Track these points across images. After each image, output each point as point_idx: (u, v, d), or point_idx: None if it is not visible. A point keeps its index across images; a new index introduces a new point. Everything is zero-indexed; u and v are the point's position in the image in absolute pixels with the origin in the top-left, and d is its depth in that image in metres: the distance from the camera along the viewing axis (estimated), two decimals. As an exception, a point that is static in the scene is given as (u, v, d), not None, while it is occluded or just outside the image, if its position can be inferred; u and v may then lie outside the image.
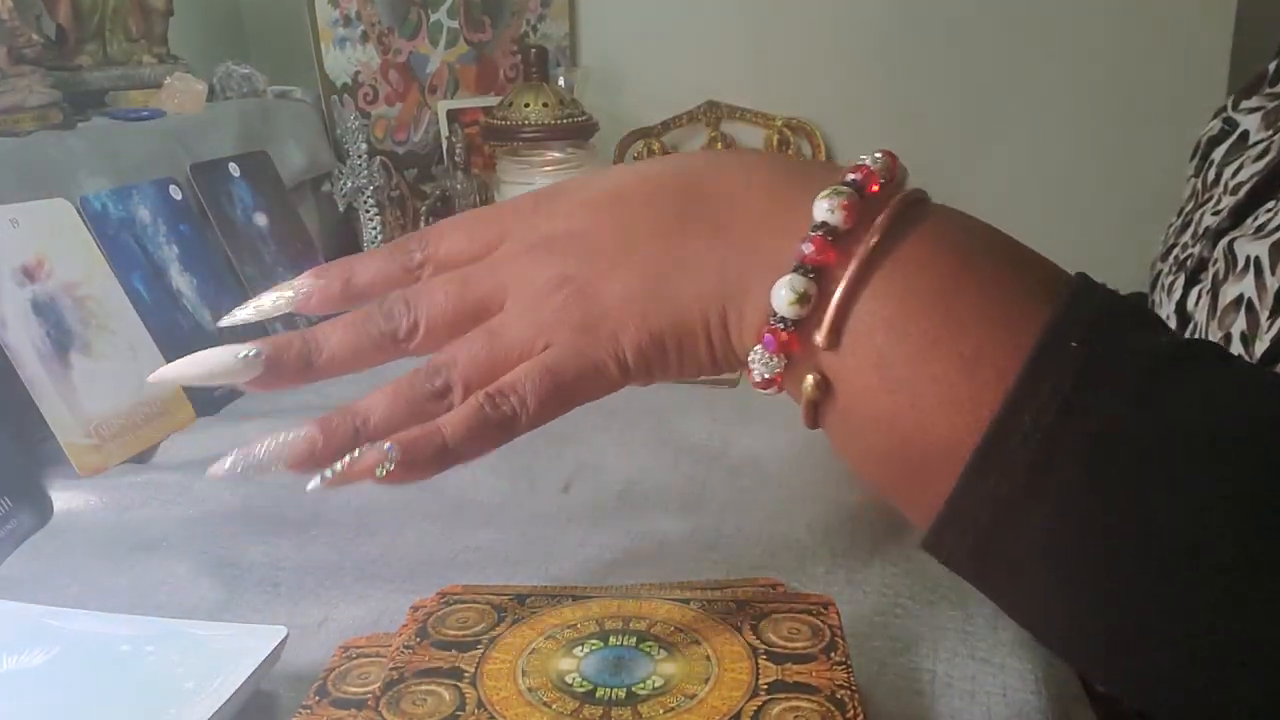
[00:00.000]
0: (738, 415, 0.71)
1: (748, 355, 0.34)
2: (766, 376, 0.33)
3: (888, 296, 0.31)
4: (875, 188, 0.33)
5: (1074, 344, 0.29)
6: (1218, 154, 0.57)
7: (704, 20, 1.42)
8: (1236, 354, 0.45)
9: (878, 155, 0.34)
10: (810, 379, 0.33)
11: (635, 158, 1.38)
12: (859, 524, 0.55)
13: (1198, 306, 0.51)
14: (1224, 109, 0.58)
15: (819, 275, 0.32)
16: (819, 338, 0.32)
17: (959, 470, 0.29)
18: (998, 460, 0.29)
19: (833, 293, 0.32)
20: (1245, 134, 0.55)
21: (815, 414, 0.34)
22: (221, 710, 0.38)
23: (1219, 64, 1.36)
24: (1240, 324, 0.45)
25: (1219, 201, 0.53)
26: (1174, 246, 0.57)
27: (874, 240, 0.32)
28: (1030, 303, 0.30)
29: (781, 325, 0.32)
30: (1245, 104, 0.56)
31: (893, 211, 0.32)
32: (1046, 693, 0.42)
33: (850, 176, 0.33)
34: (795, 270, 0.32)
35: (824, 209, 0.32)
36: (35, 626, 0.45)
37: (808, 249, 0.32)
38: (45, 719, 0.41)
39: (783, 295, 0.32)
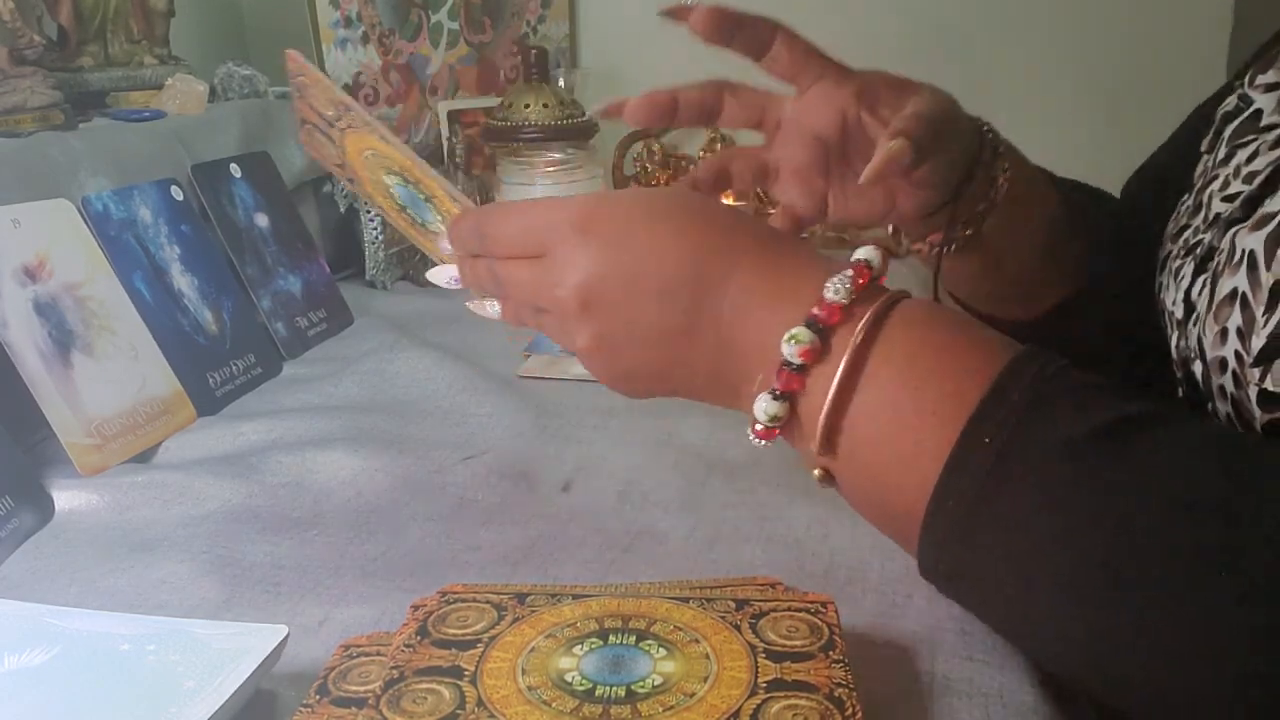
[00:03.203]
0: (737, 415, 0.71)
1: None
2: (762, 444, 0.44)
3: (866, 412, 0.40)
4: (836, 318, 0.40)
5: (986, 439, 0.36)
6: (1229, 131, 0.55)
7: (704, 21, 1.42)
8: (1234, 350, 0.45)
9: (847, 275, 0.41)
10: (816, 474, 0.43)
11: (635, 159, 1.39)
12: (858, 524, 0.55)
13: (1200, 296, 0.50)
14: (1240, 83, 0.56)
15: (790, 398, 0.42)
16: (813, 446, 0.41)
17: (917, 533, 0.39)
18: (935, 532, 0.38)
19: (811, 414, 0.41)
20: (1259, 113, 0.53)
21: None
22: (222, 709, 0.38)
23: (1217, 55, 1.36)
24: (1236, 319, 0.45)
25: (1227, 185, 0.52)
26: (1185, 228, 0.55)
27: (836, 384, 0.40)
28: (957, 401, 0.38)
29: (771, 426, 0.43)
30: (1261, 79, 0.54)
31: (861, 333, 0.40)
32: (1044, 693, 0.42)
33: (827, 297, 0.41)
34: (772, 395, 0.42)
35: (790, 349, 0.40)
36: (36, 626, 0.45)
37: (778, 380, 0.41)
38: (46, 718, 0.41)
39: (762, 410, 0.42)
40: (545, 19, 1.38)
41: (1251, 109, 0.54)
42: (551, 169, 1.05)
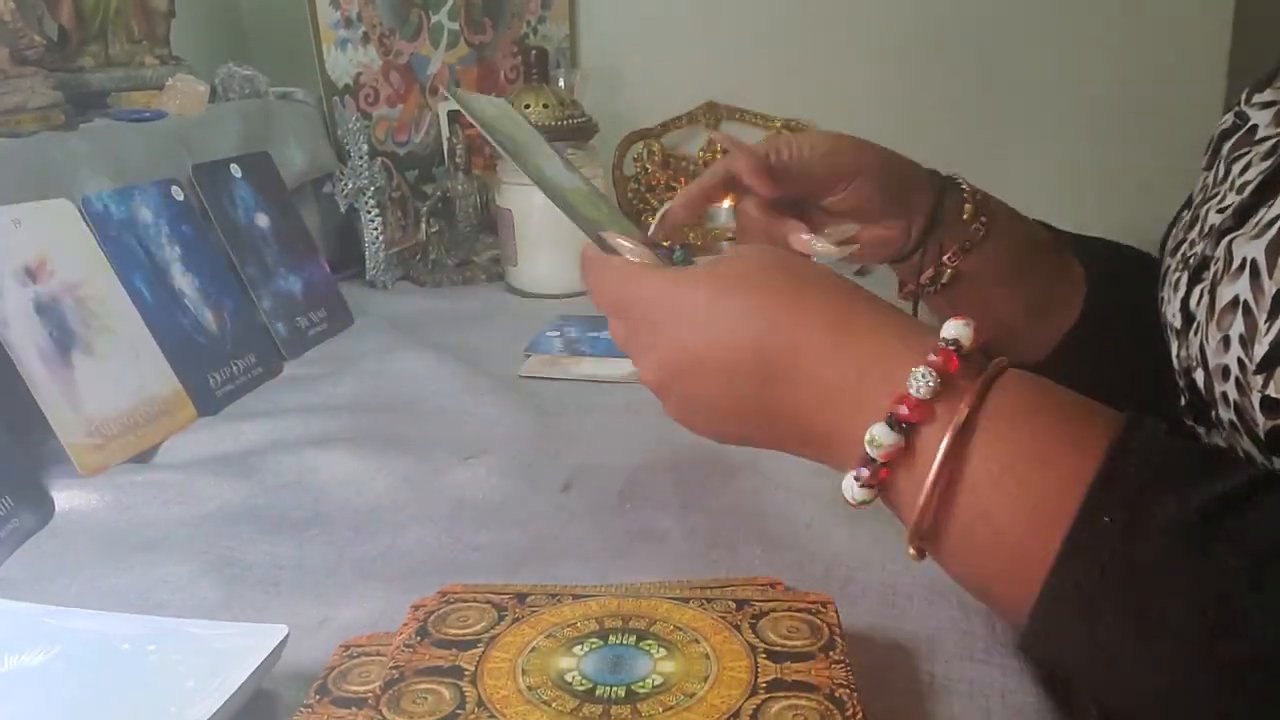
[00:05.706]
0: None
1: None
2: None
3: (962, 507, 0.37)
4: (920, 416, 0.37)
5: (1107, 519, 0.34)
6: (1226, 148, 0.56)
7: (704, 21, 1.42)
8: (1236, 357, 0.45)
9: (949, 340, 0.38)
10: (912, 550, 0.39)
11: (635, 159, 1.39)
12: (858, 524, 0.55)
13: (1199, 305, 0.50)
14: (1238, 103, 0.58)
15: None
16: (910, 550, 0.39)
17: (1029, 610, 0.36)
18: (1048, 638, 0.36)
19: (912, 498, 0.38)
20: (1254, 128, 0.54)
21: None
22: (223, 709, 0.38)
23: (1217, 62, 1.36)
24: (1239, 326, 0.45)
25: (1224, 199, 0.53)
26: (1182, 243, 0.56)
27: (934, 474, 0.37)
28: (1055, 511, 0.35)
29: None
30: (1258, 98, 0.56)
31: (954, 435, 0.36)
32: (1045, 693, 0.42)
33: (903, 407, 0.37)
34: (858, 483, 0.39)
35: (872, 451, 0.38)
36: (36, 626, 0.45)
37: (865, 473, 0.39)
38: (47, 718, 0.41)
39: (849, 492, 0.39)
40: (545, 20, 1.38)
41: (1248, 125, 0.55)
42: (552, 169, 1.05)
